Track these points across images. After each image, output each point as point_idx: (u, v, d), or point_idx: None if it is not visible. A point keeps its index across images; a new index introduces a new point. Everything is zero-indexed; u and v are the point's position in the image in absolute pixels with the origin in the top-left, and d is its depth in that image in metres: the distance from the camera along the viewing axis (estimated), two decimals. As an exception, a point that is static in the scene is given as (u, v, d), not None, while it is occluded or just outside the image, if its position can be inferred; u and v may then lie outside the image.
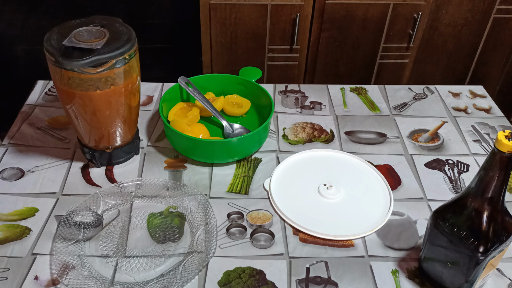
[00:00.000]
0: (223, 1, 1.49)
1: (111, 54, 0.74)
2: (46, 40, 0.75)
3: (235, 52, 1.61)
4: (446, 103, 1.11)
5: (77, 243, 0.75)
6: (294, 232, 0.80)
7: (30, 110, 1.03)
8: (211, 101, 1.00)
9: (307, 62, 1.67)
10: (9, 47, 1.79)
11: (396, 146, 0.98)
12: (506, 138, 0.57)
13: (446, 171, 0.92)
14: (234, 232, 0.79)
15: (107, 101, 0.79)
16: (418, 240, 0.79)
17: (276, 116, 1.05)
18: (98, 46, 0.74)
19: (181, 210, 0.82)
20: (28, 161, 0.90)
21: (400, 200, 0.86)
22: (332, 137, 1.00)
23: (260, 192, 0.86)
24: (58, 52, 0.72)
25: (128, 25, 0.80)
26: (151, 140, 0.97)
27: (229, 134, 0.96)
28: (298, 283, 0.71)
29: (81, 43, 0.74)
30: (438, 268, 0.69)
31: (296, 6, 1.51)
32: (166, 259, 0.74)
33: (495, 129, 1.04)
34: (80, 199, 0.82)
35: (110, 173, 0.89)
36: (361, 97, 1.12)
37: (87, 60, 0.72)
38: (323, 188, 0.86)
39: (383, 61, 1.68)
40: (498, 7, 1.61)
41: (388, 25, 1.58)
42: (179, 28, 1.79)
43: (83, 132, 0.85)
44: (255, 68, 1.04)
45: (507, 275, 0.74)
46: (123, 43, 0.75)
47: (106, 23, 0.79)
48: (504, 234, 0.63)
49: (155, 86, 1.12)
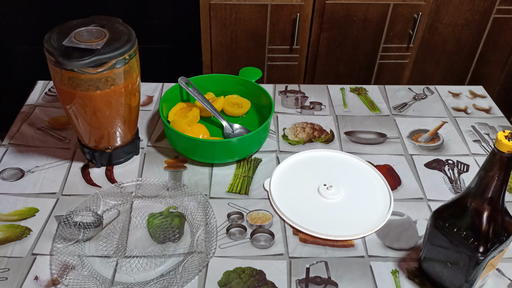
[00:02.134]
0: (223, 1, 1.49)
1: (111, 54, 0.74)
2: (46, 40, 0.75)
3: (235, 52, 1.61)
4: (446, 103, 1.11)
5: (77, 243, 0.75)
6: (294, 232, 0.80)
7: (30, 110, 1.03)
8: (211, 101, 1.00)
9: (307, 62, 1.67)
10: (9, 47, 1.79)
11: (396, 146, 0.98)
12: (506, 138, 0.57)
13: (446, 171, 0.92)
14: (234, 232, 0.79)
15: (107, 101, 0.79)
16: (418, 240, 0.79)
17: (276, 116, 1.05)
18: (98, 46, 0.74)
19: (181, 210, 0.82)
20: (28, 161, 0.90)
21: (400, 200, 0.86)
22: (332, 137, 1.00)
23: (260, 192, 0.86)
24: (58, 52, 0.72)
25: (128, 25, 0.80)
26: (151, 140, 0.97)
27: (229, 134, 0.96)
28: (298, 283, 0.71)
29: (81, 43, 0.74)
30: (438, 268, 0.69)
31: (296, 6, 1.51)
32: (166, 259, 0.74)
33: (495, 129, 1.04)
34: (80, 199, 0.82)
35: (110, 173, 0.89)
36: (361, 97, 1.12)
37: (87, 60, 0.72)
38: (323, 188, 0.86)
39: (383, 61, 1.68)
40: (498, 7, 1.61)
41: (388, 25, 1.58)
42: (179, 28, 1.79)
43: (83, 132, 0.85)
44: (255, 68, 1.04)
45: (507, 275, 0.74)
46: (123, 43, 0.75)
47: (106, 23, 0.79)
48: (504, 234, 0.63)
49: (155, 86, 1.12)
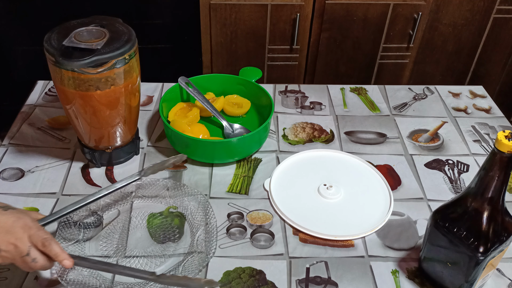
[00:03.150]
0: (223, 1, 1.49)
1: (111, 54, 0.74)
2: (46, 40, 0.75)
3: (235, 52, 1.61)
4: (446, 103, 1.11)
5: (77, 243, 0.75)
6: (294, 232, 0.80)
7: (30, 110, 1.03)
8: (211, 101, 1.00)
9: (307, 62, 1.67)
10: (9, 47, 1.79)
11: (396, 146, 0.98)
12: (506, 138, 0.57)
13: (446, 171, 0.92)
14: (234, 232, 0.79)
15: (107, 101, 0.79)
16: (418, 240, 0.79)
17: (276, 116, 1.05)
18: (98, 46, 0.74)
19: (181, 210, 0.82)
20: (28, 161, 0.90)
21: (400, 200, 0.86)
22: (332, 137, 1.00)
23: (260, 192, 0.86)
24: (58, 52, 0.72)
25: (128, 25, 0.80)
26: (151, 140, 0.97)
27: (229, 134, 0.96)
28: (298, 283, 0.71)
29: (81, 43, 0.74)
30: (438, 268, 0.69)
31: (296, 6, 1.51)
32: (166, 259, 0.74)
33: (495, 129, 1.04)
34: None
35: (110, 173, 0.89)
36: (361, 97, 1.12)
37: (87, 60, 0.72)
38: (323, 188, 0.86)
39: (383, 61, 1.68)
40: (498, 7, 1.61)
41: (388, 25, 1.58)
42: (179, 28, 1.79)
43: (83, 132, 0.85)
44: (255, 68, 1.04)
45: (507, 275, 0.74)
46: (123, 43, 0.75)
47: (106, 23, 0.79)
48: (504, 234, 0.63)
49: (155, 86, 1.12)
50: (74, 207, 0.72)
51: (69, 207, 0.72)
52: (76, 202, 0.73)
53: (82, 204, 0.73)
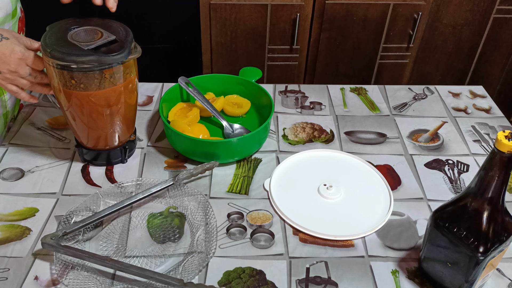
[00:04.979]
0: (223, 1, 1.49)
1: (109, 54, 0.74)
2: (43, 39, 0.75)
3: (235, 52, 1.61)
4: (446, 103, 1.11)
5: (77, 243, 0.75)
6: (294, 232, 0.80)
7: (30, 110, 1.03)
8: (211, 101, 1.00)
9: (307, 62, 1.67)
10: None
11: (396, 146, 0.98)
12: (506, 138, 0.57)
13: (446, 171, 0.92)
14: (234, 232, 0.79)
15: (105, 101, 0.79)
16: (418, 240, 0.79)
17: (276, 116, 1.05)
18: (95, 46, 0.74)
19: (181, 210, 0.82)
20: (28, 161, 0.90)
21: (400, 200, 0.86)
22: (332, 137, 1.00)
23: (260, 192, 0.86)
24: (54, 52, 0.72)
25: (125, 25, 0.80)
26: (151, 140, 0.97)
27: (229, 134, 0.96)
28: (298, 283, 0.71)
29: (78, 43, 0.74)
30: (438, 268, 0.69)
31: (296, 6, 1.51)
32: (166, 259, 0.74)
33: (495, 129, 1.04)
34: (80, 199, 0.82)
35: (110, 173, 0.89)
36: (361, 97, 1.12)
37: (85, 59, 0.72)
38: (323, 188, 0.86)
39: (383, 61, 1.68)
40: (498, 7, 1.61)
41: (388, 25, 1.58)
42: (179, 28, 1.79)
43: (80, 132, 0.85)
44: (255, 68, 1.04)
45: (507, 275, 0.74)
46: (120, 43, 0.75)
47: (103, 23, 0.79)
48: (504, 234, 0.63)
49: (155, 86, 1.12)
50: (110, 211, 0.77)
51: (104, 211, 0.77)
52: (112, 206, 0.78)
53: (117, 208, 0.78)
